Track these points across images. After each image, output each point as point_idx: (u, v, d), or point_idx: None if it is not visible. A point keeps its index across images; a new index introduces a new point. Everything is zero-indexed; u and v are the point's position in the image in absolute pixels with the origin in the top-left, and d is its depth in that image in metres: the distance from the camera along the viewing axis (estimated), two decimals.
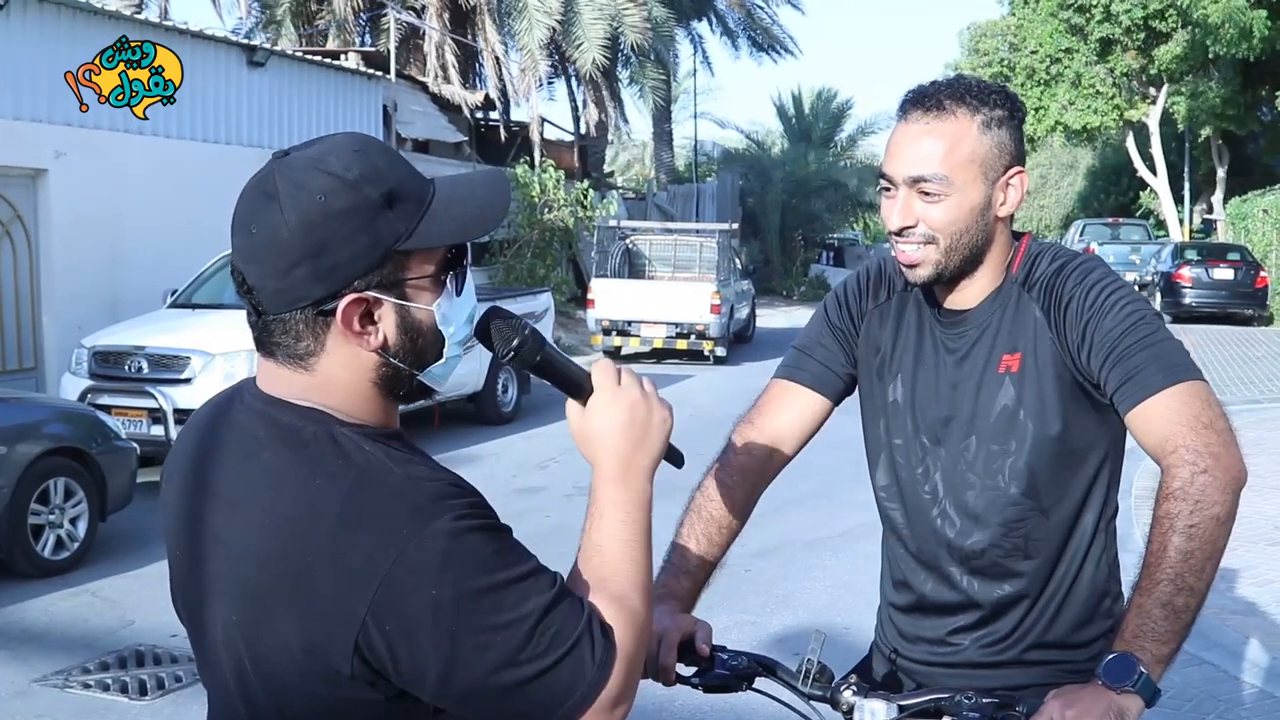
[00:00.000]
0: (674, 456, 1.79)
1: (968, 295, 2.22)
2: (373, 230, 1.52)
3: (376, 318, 1.55)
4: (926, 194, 2.11)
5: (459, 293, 1.64)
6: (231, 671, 1.60)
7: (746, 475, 2.32)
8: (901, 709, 2.05)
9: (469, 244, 1.66)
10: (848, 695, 2.10)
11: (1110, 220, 38.23)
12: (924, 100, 2.13)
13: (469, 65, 27.72)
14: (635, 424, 1.66)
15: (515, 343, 1.65)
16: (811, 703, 2.15)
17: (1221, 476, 1.92)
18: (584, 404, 1.68)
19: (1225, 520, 1.91)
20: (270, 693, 1.56)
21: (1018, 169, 2.15)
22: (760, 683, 2.21)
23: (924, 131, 2.11)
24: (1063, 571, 2.19)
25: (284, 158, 1.57)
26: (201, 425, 1.70)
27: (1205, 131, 35.50)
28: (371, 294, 1.54)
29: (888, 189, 2.17)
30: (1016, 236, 2.25)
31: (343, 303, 1.53)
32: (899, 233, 2.15)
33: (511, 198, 1.74)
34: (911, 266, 2.16)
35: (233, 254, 1.59)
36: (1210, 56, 30.13)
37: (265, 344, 1.59)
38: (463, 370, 12.74)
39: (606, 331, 19.92)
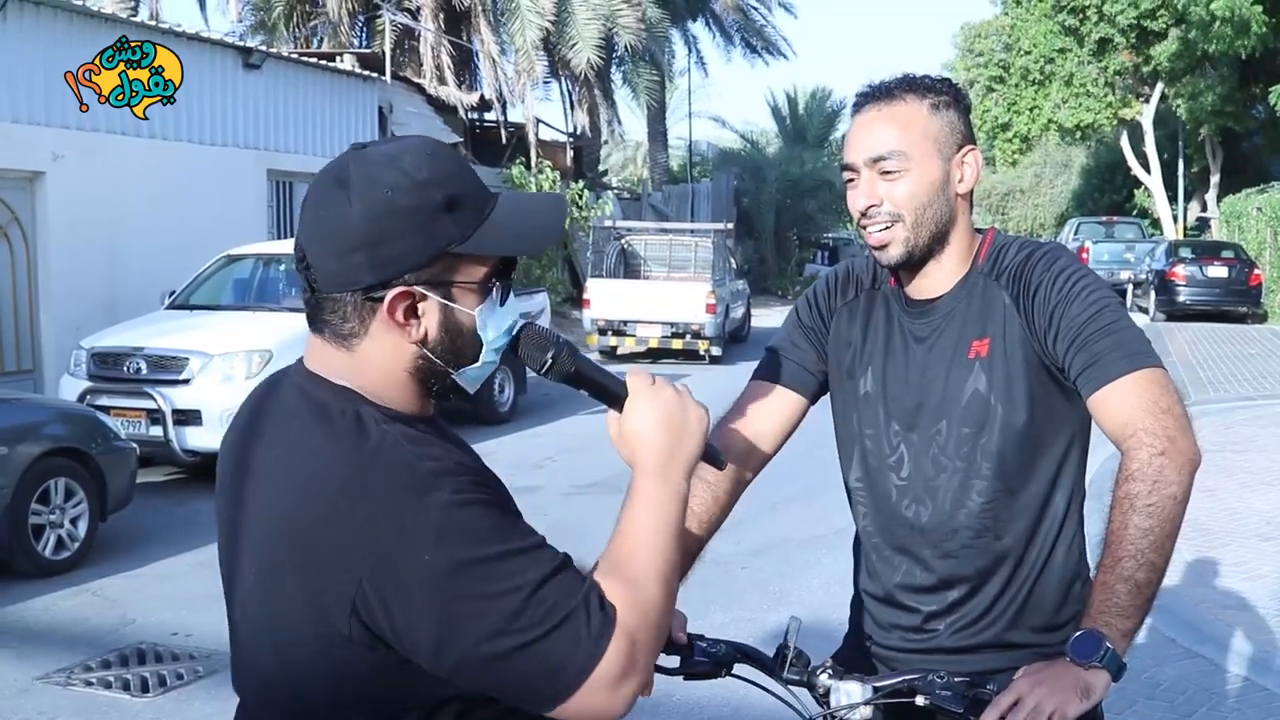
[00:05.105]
0: (713, 456, 1.85)
1: (934, 283, 2.30)
2: (429, 230, 1.61)
3: (420, 312, 1.65)
4: (887, 173, 2.21)
5: (502, 303, 1.71)
6: (250, 635, 1.70)
7: (726, 474, 2.35)
8: (876, 689, 2.11)
9: (516, 265, 1.75)
10: (824, 679, 2.17)
11: (1104, 219, 38.27)
12: (875, 93, 2.28)
13: (464, 66, 27.75)
14: (672, 421, 1.72)
15: (551, 354, 1.72)
16: (790, 687, 2.21)
17: (1177, 459, 2.00)
18: (620, 411, 1.74)
19: (1182, 500, 2.00)
20: (280, 654, 1.64)
21: (970, 147, 2.27)
22: (740, 669, 2.27)
23: (878, 118, 2.24)
24: (1035, 554, 2.25)
25: (361, 150, 1.67)
26: (252, 401, 1.80)
27: (1205, 130, 35.49)
28: (419, 289, 1.63)
29: (851, 179, 2.27)
30: (980, 231, 2.35)
31: (391, 293, 1.62)
32: (865, 214, 2.24)
33: (565, 219, 1.79)
34: (882, 247, 2.24)
35: (298, 231, 1.68)
36: (1207, 53, 30.13)
37: (315, 320, 1.69)
38: None
39: (602, 331, 19.95)
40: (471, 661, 1.53)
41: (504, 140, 27.33)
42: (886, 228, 2.22)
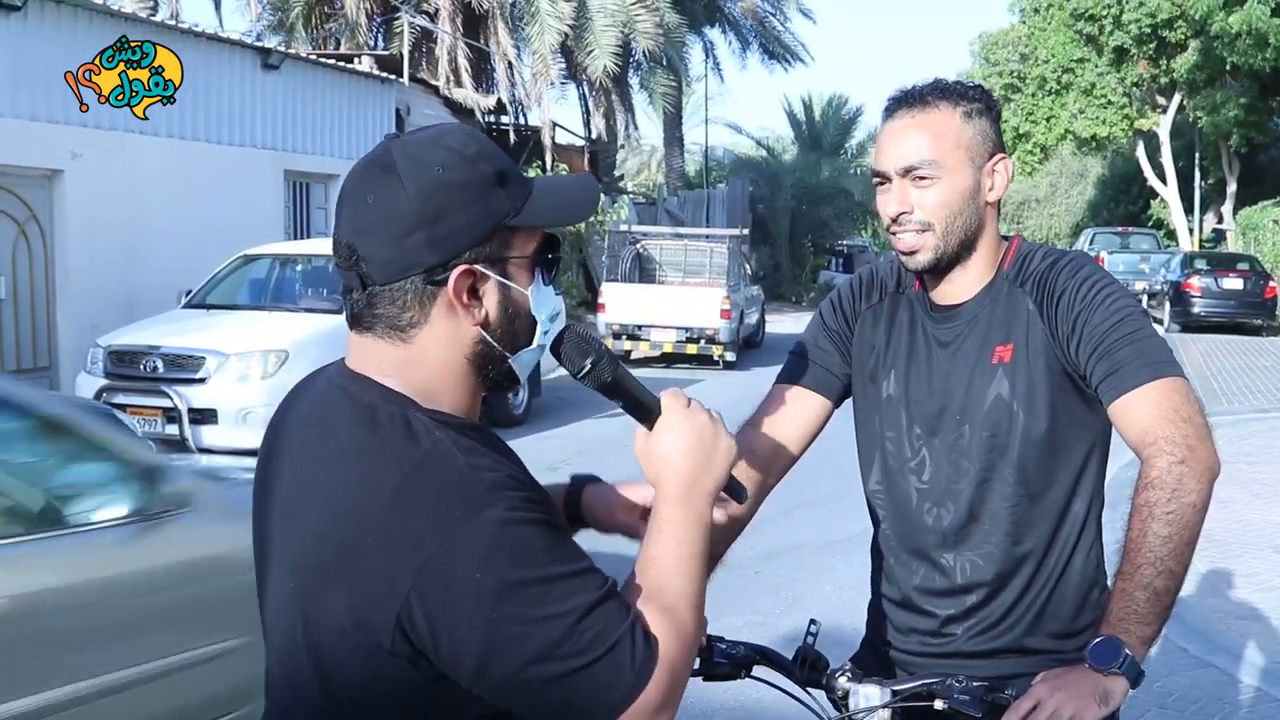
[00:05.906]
0: (735, 489, 1.82)
1: (959, 289, 2.31)
2: (485, 203, 1.60)
3: (481, 293, 1.62)
4: (920, 179, 2.22)
5: (546, 283, 1.71)
6: (284, 640, 1.67)
7: (750, 478, 2.35)
8: (895, 693, 2.12)
9: (561, 243, 1.73)
10: (842, 681, 2.18)
11: (1120, 229, 38.20)
12: (908, 98, 2.28)
13: (481, 69, 27.80)
14: (702, 446, 1.69)
15: (590, 360, 1.69)
16: (808, 690, 2.22)
17: (1197, 467, 2.01)
18: (650, 428, 1.71)
19: (1201, 508, 2.01)
20: (317, 663, 1.60)
21: (1000, 155, 2.28)
22: (759, 671, 2.29)
23: (911, 125, 2.24)
24: (1054, 559, 2.26)
25: (398, 137, 1.66)
26: (291, 400, 1.78)
27: (1234, 140, 35.36)
28: (479, 267, 1.61)
29: (882, 184, 2.28)
30: (1006, 239, 2.36)
31: (455, 273, 1.59)
32: (896, 220, 2.25)
33: (599, 193, 1.77)
34: (911, 253, 2.25)
35: (339, 227, 1.64)
36: (1234, 65, 30.07)
37: (365, 318, 1.63)
38: None
39: (617, 335, 19.93)
40: (512, 684, 1.51)
41: (513, 141, 27.34)
42: (917, 234, 2.23)
